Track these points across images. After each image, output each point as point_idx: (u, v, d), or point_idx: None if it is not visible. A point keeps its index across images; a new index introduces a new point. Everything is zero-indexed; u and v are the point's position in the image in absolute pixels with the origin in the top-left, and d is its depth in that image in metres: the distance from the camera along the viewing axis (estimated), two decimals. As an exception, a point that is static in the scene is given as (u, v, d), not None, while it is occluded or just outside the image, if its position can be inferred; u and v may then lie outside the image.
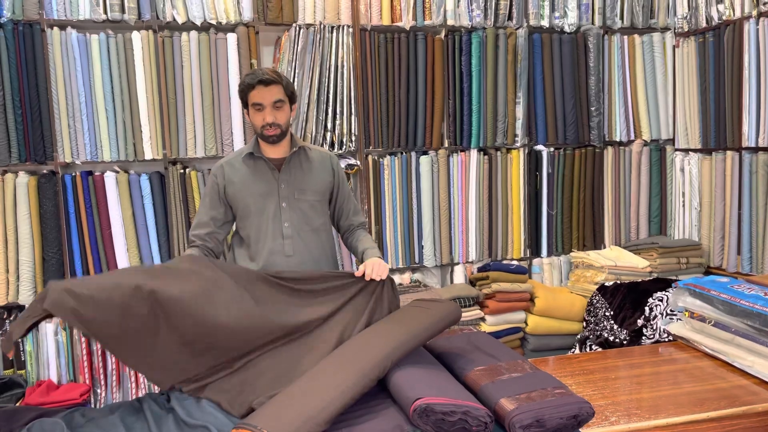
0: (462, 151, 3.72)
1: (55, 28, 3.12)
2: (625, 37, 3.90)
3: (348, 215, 2.44)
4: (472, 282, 3.68)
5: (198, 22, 3.27)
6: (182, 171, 3.32)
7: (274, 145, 2.26)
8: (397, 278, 3.63)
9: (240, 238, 2.36)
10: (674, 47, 3.93)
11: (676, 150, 3.98)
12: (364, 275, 2.11)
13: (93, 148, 3.24)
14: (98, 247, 3.26)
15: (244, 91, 2.22)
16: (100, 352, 3.27)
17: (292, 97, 2.26)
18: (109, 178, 3.24)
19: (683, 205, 3.92)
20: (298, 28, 3.37)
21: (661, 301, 3.01)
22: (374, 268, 2.11)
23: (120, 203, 3.26)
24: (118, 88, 3.24)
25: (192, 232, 2.34)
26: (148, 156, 3.29)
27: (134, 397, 3.04)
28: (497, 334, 3.40)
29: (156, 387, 3.32)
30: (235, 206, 2.31)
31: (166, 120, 3.29)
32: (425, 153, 3.68)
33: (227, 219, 2.35)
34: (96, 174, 3.25)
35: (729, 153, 3.53)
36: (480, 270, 3.66)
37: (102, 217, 3.25)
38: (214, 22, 3.29)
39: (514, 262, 3.74)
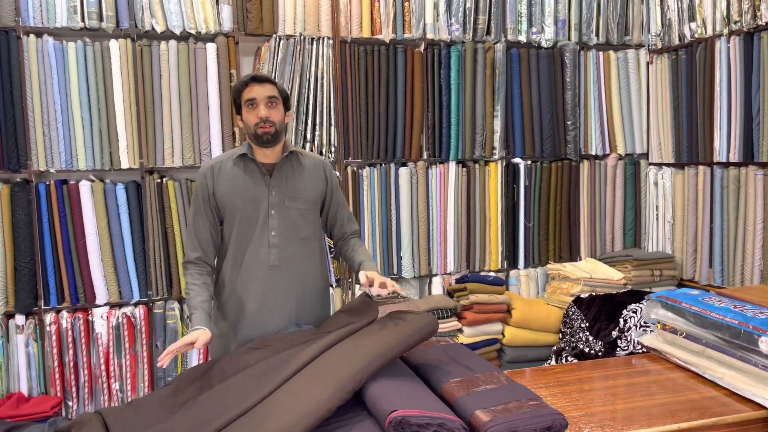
0: (441, 163, 3.75)
1: (32, 36, 3.09)
2: (601, 53, 3.98)
3: (342, 223, 2.34)
4: (450, 293, 3.70)
5: (177, 32, 3.26)
6: (159, 180, 3.30)
7: (267, 149, 2.16)
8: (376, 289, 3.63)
9: (224, 244, 2.24)
10: (648, 63, 4.02)
11: (650, 164, 4.06)
12: (372, 287, 2.09)
13: (68, 157, 3.20)
14: (72, 258, 3.22)
15: (239, 90, 2.13)
16: (72, 364, 3.21)
17: (286, 100, 2.19)
18: (84, 187, 3.20)
19: (657, 219, 3.99)
20: (278, 39, 3.38)
21: (635, 313, 3.06)
22: (377, 280, 2.09)
23: (95, 213, 3.22)
24: (95, 96, 3.21)
25: (193, 254, 2.18)
26: (125, 165, 3.26)
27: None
28: (474, 346, 3.41)
29: (128, 397, 3.26)
30: (223, 210, 2.19)
31: (143, 129, 3.27)
32: (404, 165, 3.70)
33: (220, 223, 2.24)
34: (71, 183, 3.21)
35: (701, 168, 3.60)
36: (458, 281, 3.68)
37: (76, 227, 3.21)
38: (193, 31, 3.28)
39: (492, 274, 3.77)
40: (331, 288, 3.57)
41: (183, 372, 2.11)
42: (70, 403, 3.23)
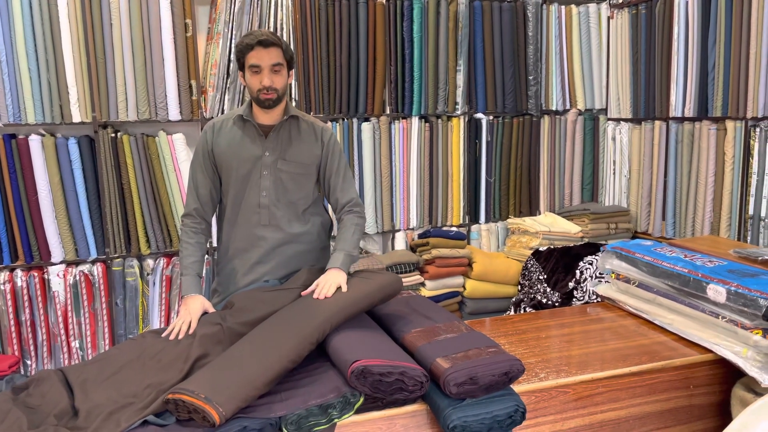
0: (403, 118, 3.73)
1: (-30, -20, 2.92)
2: (563, 7, 3.96)
3: (334, 191, 2.28)
4: (412, 248, 3.73)
5: (128, -22, 3.11)
6: (113, 135, 3.20)
7: (267, 111, 2.17)
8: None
9: (222, 203, 2.30)
10: (609, 18, 4.03)
11: (609, 119, 4.11)
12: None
13: (16, 110, 3.07)
14: (24, 215, 3.12)
15: (242, 52, 2.11)
16: (28, 323, 3.15)
17: (290, 62, 2.17)
18: (35, 141, 3.08)
19: (614, 173, 4.07)
20: (235, -12, 3.26)
21: (591, 264, 3.15)
22: (322, 287, 1.97)
23: (47, 168, 3.11)
24: (42, 46, 3.06)
25: (191, 206, 2.23)
26: (76, 119, 3.15)
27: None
28: (436, 299, 3.47)
29: (91, 352, 3.23)
30: (220, 168, 2.23)
31: (95, 81, 3.14)
32: (367, 120, 3.67)
33: (219, 180, 2.28)
34: (20, 137, 3.08)
35: (657, 123, 3.67)
36: (420, 236, 3.72)
37: (27, 183, 3.10)
38: (145, -22, 3.14)
39: (454, 229, 3.81)
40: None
41: (146, 331, 2.11)
42: (29, 362, 3.18)
